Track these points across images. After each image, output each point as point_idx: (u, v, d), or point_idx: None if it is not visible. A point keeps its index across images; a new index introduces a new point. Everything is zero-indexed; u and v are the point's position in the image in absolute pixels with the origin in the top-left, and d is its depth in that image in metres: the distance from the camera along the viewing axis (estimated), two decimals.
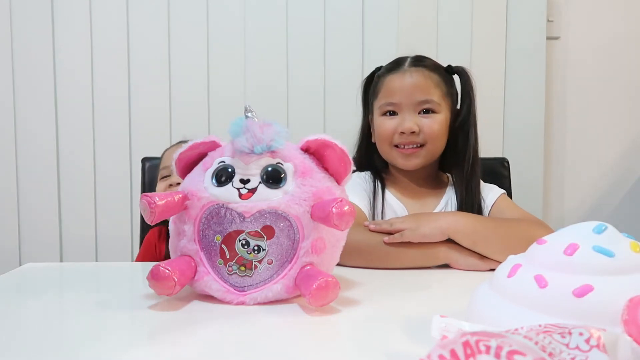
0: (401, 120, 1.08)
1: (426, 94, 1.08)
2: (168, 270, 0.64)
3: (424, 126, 1.08)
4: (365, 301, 0.69)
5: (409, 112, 1.08)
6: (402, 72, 1.10)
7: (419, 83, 1.08)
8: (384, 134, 1.10)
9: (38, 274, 0.85)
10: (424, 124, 1.08)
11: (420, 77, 1.09)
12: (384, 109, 1.10)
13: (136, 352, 0.53)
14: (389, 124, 1.09)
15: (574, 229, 0.51)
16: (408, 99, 1.08)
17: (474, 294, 0.55)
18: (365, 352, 0.52)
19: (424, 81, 1.08)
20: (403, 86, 1.08)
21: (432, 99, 1.08)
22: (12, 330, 0.59)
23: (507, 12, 1.78)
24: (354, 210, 0.64)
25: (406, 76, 1.09)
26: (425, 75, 1.09)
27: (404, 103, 1.08)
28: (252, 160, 0.67)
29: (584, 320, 0.42)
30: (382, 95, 1.11)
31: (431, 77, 1.09)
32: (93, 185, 1.77)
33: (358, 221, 0.79)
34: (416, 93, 1.08)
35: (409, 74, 1.09)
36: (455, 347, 0.33)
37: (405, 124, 1.07)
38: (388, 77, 1.11)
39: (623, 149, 1.88)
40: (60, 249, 1.78)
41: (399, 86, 1.08)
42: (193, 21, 1.75)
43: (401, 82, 1.09)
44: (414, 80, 1.08)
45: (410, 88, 1.08)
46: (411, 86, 1.08)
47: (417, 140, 1.08)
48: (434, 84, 1.09)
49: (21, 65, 1.75)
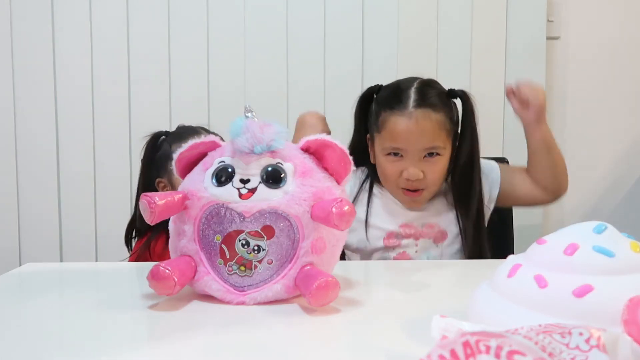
0: (406, 166, 1.07)
1: (432, 141, 1.06)
2: (168, 270, 0.63)
3: (428, 172, 1.07)
4: (365, 301, 0.69)
5: (414, 159, 1.06)
6: (407, 115, 1.06)
7: (426, 130, 1.05)
8: (390, 176, 1.10)
9: (38, 274, 0.85)
10: (428, 170, 1.07)
11: (426, 124, 1.05)
12: (388, 150, 1.08)
13: (136, 352, 0.53)
14: (394, 167, 1.08)
15: (574, 229, 0.51)
16: (414, 146, 1.05)
17: (474, 294, 0.55)
18: (366, 352, 0.52)
19: (431, 127, 1.06)
20: (409, 133, 1.05)
21: (438, 144, 1.07)
22: (12, 330, 0.59)
23: (507, 12, 1.77)
24: (354, 210, 0.64)
25: (412, 122, 1.05)
26: (432, 120, 1.06)
27: (409, 150, 1.06)
28: (252, 160, 0.67)
29: (584, 320, 0.42)
30: (386, 135, 1.08)
31: (437, 121, 1.06)
32: (93, 185, 1.77)
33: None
34: (422, 140, 1.05)
35: (415, 119, 1.05)
36: (455, 347, 0.33)
37: (410, 170, 1.06)
38: (393, 118, 1.07)
39: (623, 149, 1.88)
40: (60, 249, 1.78)
41: (405, 132, 1.05)
42: (193, 21, 1.75)
43: (407, 127, 1.05)
44: (420, 127, 1.05)
45: (417, 133, 1.05)
46: (417, 132, 1.05)
47: (421, 185, 1.08)
48: (439, 127, 1.06)
49: (21, 65, 1.75)
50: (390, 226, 1.12)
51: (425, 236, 1.12)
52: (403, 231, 1.12)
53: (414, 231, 1.12)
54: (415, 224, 1.13)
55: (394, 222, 1.13)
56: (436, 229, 1.12)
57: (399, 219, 1.13)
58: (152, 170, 1.28)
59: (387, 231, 1.12)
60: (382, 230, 1.12)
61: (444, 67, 1.75)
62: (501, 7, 1.77)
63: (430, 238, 1.12)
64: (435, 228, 1.12)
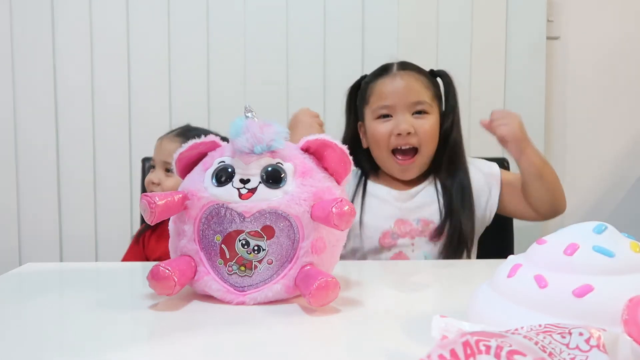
0: (396, 122, 1.10)
1: (418, 96, 1.10)
2: (168, 270, 0.64)
3: (419, 128, 1.10)
4: (365, 301, 0.69)
5: (403, 114, 1.10)
6: (392, 75, 1.13)
7: (411, 85, 1.11)
8: (380, 137, 1.11)
9: (38, 274, 0.85)
10: (418, 126, 1.10)
11: (411, 79, 1.12)
12: (377, 112, 1.12)
13: (136, 352, 0.53)
14: (384, 127, 1.10)
15: (574, 229, 0.51)
16: (401, 100, 1.10)
17: (474, 294, 0.55)
18: (366, 352, 0.52)
19: (415, 83, 1.12)
20: (395, 88, 1.11)
21: (425, 100, 1.11)
22: (12, 330, 0.59)
23: (507, 12, 1.77)
24: (354, 210, 0.64)
25: (397, 79, 1.12)
26: (415, 78, 1.12)
27: (397, 105, 1.10)
28: (252, 160, 0.67)
29: (584, 320, 0.42)
30: (374, 100, 1.12)
31: (421, 80, 1.13)
32: (93, 185, 1.77)
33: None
34: (409, 94, 1.10)
35: (400, 77, 1.12)
36: (455, 347, 0.33)
37: (400, 125, 1.09)
38: (378, 82, 1.13)
39: (623, 149, 1.88)
40: (60, 249, 1.78)
41: (391, 89, 1.11)
42: (193, 21, 1.75)
43: (393, 84, 1.11)
44: (405, 82, 1.11)
45: (402, 90, 1.10)
46: (403, 88, 1.11)
47: (412, 141, 1.10)
48: (424, 86, 1.12)
49: (21, 65, 1.75)
50: (385, 224, 1.12)
51: (420, 235, 1.11)
52: (398, 229, 1.11)
53: (409, 229, 1.11)
54: (410, 219, 1.12)
55: (389, 218, 1.12)
56: (431, 226, 1.11)
57: (393, 213, 1.12)
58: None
59: (382, 230, 1.11)
60: (377, 230, 1.11)
61: (444, 67, 1.74)
62: (501, 7, 1.77)
63: (425, 236, 1.11)
64: (431, 226, 1.11)
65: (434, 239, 1.11)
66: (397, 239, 1.11)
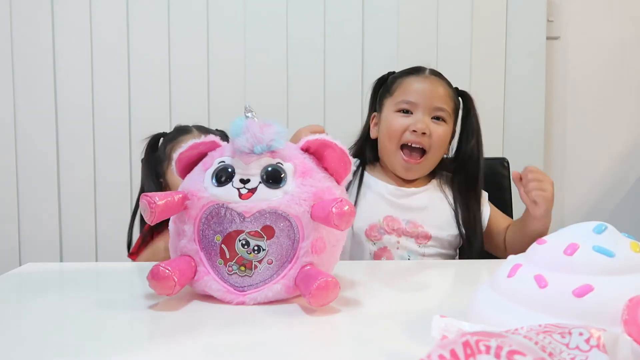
0: (415, 119, 1.11)
1: (441, 102, 1.13)
2: (168, 270, 0.63)
3: (434, 131, 1.11)
4: (365, 301, 0.69)
5: (423, 114, 1.11)
6: (422, 76, 1.16)
7: (438, 90, 1.14)
8: (395, 130, 1.12)
9: (38, 274, 0.85)
10: (433, 129, 1.11)
11: (439, 86, 1.14)
12: (400, 106, 1.13)
13: (136, 352, 0.53)
14: (402, 121, 1.12)
15: (574, 229, 0.51)
16: (425, 101, 1.12)
17: (474, 294, 0.55)
18: (365, 352, 0.52)
19: (442, 90, 1.14)
20: (423, 88, 1.13)
21: (445, 108, 1.13)
22: (12, 330, 0.59)
23: (507, 12, 1.78)
24: (354, 210, 0.64)
25: (427, 81, 1.15)
26: (444, 86, 1.15)
27: (420, 104, 1.12)
28: (252, 160, 0.67)
29: (584, 320, 0.42)
30: (399, 93, 1.14)
31: (447, 90, 1.16)
32: (93, 185, 1.77)
33: None
34: (434, 98, 1.12)
35: (429, 80, 1.15)
36: (455, 347, 0.33)
37: (418, 124, 1.10)
38: (408, 78, 1.16)
39: (623, 149, 1.88)
40: (60, 249, 1.78)
41: (420, 87, 1.13)
42: (193, 22, 1.75)
43: (422, 84, 1.14)
44: (433, 86, 1.14)
45: (429, 91, 1.13)
46: (430, 90, 1.13)
47: (424, 142, 1.11)
48: (448, 96, 1.15)
49: (21, 65, 1.75)
50: (374, 218, 1.12)
51: (407, 235, 1.11)
52: (386, 225, 1.11)
53: (396, 227, 1.11)
54: (400, 218, 1.12)
55: (379, 213, 1.12)
56: (419, 230, 1.11)
57: (384, 209, 1.12)
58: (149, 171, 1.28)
59: (370, 223, 1.11)
60: (365, 222, 1.11)
61: (444, 68, 1.74)
62: (501, 7, 1.77)
63: (412, 237, 1.11)
64: (419, 229, 1.11)
65: (421, 242, 1.11)
66: (383, 234, 1.10)
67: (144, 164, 1.30)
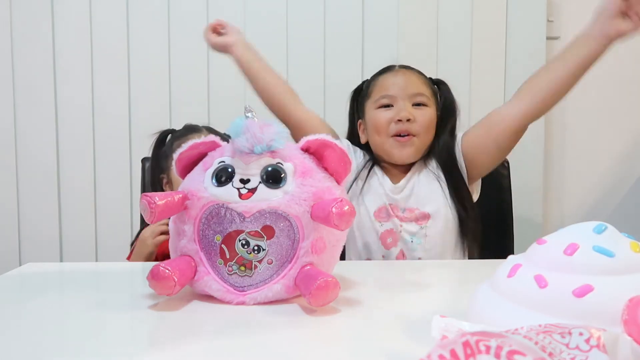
0: (397, 110, 1.15)
1: (418, 88, 1.17)
2: (168, 270, 0.64)
3: (418, 116, 1.15)
4: (365, 301, 0.69)
5: (404, 102, 1.15)
6: (394, 71, 1.21)
7: (412, 79, 1.19)
8: (381, 124, 1.15)
9: (38, 274, 0.85)
10: (417, 114, 1.15)
11: (412, 75, 1.20)
12: (380, 102, 1.17)
13: (136, 352, 0.53)
14: (385, 115, 1.15)
15: (574, 229, 0.51)
16: (403, 91, 1.16)
17: (474, 294, 0.55)
18: (365, 352, 0.52)
19: (416, 78, 1.20)
20: (397, 80, 1.18)
21: (424, 92, 1.17)
22: (12, 330, 0.59)
23: (507, 12, 1.77)
24: (354, 210, 0.64)
25: (399, 74, 1.20)
26: (417, 75, 1.21)
27: (399, 95, 1.16)
28: (252, 160, 0.67)
29: (584, 320, 0.42)
30: (376, 92, 1.19)
31: (421, 77, 1.21)
32: (93, 185, 1.77)
33: None
34: (410, 86, 1.17)
35: (401, 72, 1.20)
36: (455, 347, 0.33)
37: (401, 113, 1.14)
38: (381, 77, 1.21)
39: (623, 149, 1.88)
40: (60, 249, 1.78)
41: (393, 81, 1.18)
42: (193, 22, 1.75)
43: (395, 78, 1.19)
44: (406, 76, 1.19)
45: (404, 82, 1.18)
46: (404, 80, 1.18)
47: (412, 129, 1.14)
48: (424, 83, 1.20)
49: (21, 65, 1.75)
50: (380, 201, 1.15)
51: (406, 220, 1.14)
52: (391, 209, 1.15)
53: (398, 214, 1.15)
54: (399, 205, 1.15)
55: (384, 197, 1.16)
56: (416, 212, 1.14)
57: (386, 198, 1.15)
58: (155, 167, 1.30)
59: (378, 206, 1.15)
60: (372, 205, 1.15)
61: (444, 68, 1.75)
62: (501, 7, 1.77)
63: (412, 221, 1.14)
64: (416, 212, 1.14)
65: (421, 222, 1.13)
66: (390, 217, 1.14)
67: (150, 160, 1.32)
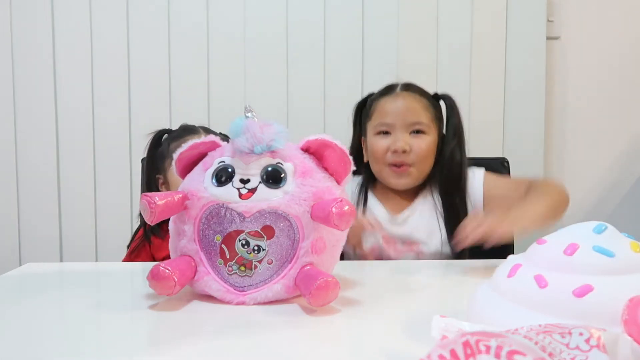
0: (394, 139, 1.13)
1: (416, 116, 1.14)
2: (168, 270, 0.64)
3: (414, 146, 1.13)
4: (365, 301, 0.69)
5: (401, 132, 1.13)
6: (394, 95, 1.18)
7: (410, 106, 1.16)
8: (378, 152, 1.15)
9: (38, 274, 0.85)
10: (414, 144, 1.13)
11: (411, 100, 1.16)
12: (377, 129, 1.16)
13: (136, 352, 0.53)
14: (382, 143, 1.14)
15: (574, 229, 0.51)
16: (400, 119, 1.14)
17: (474, 294, 0.55)
18: (366, 352, 0.52)
19: (415, 104, 1.16)
20: (395, 108, 1.16)
21: (422, 121, 1.14)
22: (12, 330, 0.59)
23: (507, 12, 1.77)
24: (354, 210, 0.64)
25: (398, 99, 1.17)
26: (416, 99, 1.17)
27: (396, 123, 1.14)
28: (252, 160, 0.67)
29: (584, 320, 0.42)
30: (375, 117, 1.17)
31: (421, 101, 1.17)
32: (93, 185, 1.77)
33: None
34: (408, 114, 1.14)
35: (401, 97, 1.17)
36: (455, 347, 0.33)
37: (397, 143, 1.12)
38: (382, 100, 1.18)
39: (623, 149, 1.88)
40: (60, 249, 1.78)
41: (392, 108, 1.16)
42: (193, 22, 1.75)
43: (394, 104, 1.16)
44: (405, 103, 1.16)
45: (402, 110, 1.15)
46: (403, 108, 1.15)
47: (407, 159, 1.13)
48: (424, 107, 1.16)
49: (21, 65, 1.75)
50: (373, 240, 1.14)
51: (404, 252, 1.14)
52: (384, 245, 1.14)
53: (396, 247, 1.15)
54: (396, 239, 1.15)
55: (376, 237, 1.14)
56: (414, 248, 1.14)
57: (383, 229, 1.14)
58: (151, 167, 1.29)
59: (371, 244, 1.14)
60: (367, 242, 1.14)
61: (444, 68, 1.75)
62: (501, 7, 1.77)
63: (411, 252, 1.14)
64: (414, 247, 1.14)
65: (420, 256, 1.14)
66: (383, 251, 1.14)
67: (146, 160, 1.31)
